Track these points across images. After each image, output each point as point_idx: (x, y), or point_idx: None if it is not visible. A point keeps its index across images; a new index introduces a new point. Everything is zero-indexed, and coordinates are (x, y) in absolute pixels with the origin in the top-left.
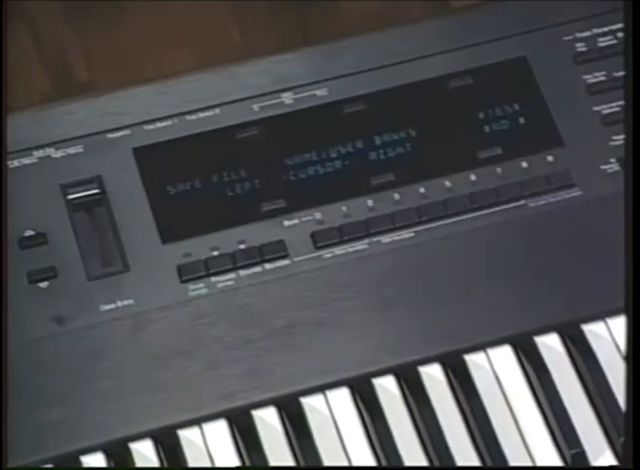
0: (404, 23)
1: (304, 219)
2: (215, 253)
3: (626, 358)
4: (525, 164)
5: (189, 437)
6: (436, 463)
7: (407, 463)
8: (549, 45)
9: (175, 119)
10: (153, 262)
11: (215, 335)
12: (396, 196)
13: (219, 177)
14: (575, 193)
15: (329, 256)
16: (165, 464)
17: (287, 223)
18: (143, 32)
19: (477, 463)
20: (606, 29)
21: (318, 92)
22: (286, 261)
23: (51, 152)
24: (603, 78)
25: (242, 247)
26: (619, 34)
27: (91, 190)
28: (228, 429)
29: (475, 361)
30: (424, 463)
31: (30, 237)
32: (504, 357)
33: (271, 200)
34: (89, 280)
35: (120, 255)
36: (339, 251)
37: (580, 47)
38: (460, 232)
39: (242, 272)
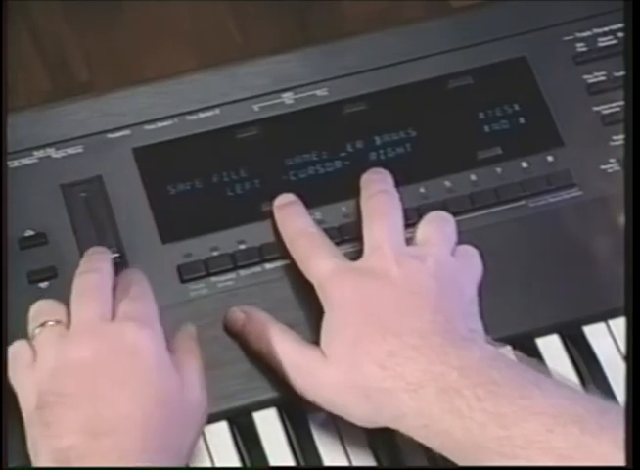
0: (404, 23)
1: None
2: (215, 253)
3: (626, 358)
4: (525, 164)
5: None
6: None
7: None
8: (549, 45)
9: (175, 119)
10: (153, 262)
11: (215, 335)
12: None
13: (219, 177)
14: (575, 193)
15: None
16: None
17: None
18: (143, 32)
19: None
20: (606, 29)
21: (318, 92)
22: (286, 261)
23: (51, 152)
24: (603, 78)
25: (242, 247)
26: (619, 34)
27: (91, 190)
28: (228, 429)
29: None
30: None
31: (30, 237)
32: None
33: (271, 200)
34: None
35: (121, 255)
36: (339, 250)
37: (580, 47)
38: (460, 232)
39: (242, 272)
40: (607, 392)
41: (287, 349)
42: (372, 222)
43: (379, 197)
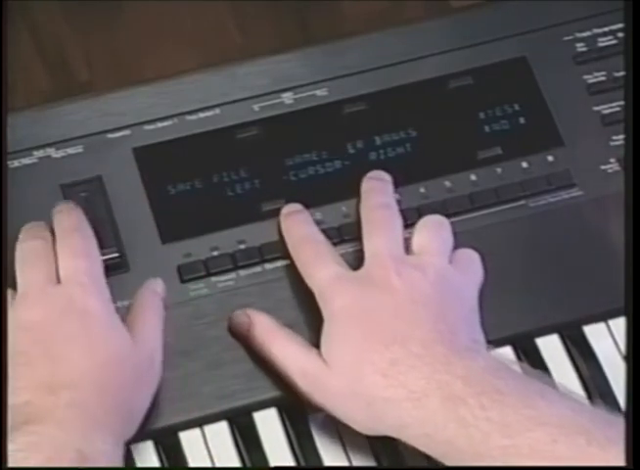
0: (404, 23)
1: None
2: (215, 253)
3: (626, 358)
4: (525, 164)
5: (189, 437)
6: None
7: None
8: (549, 45)
9: (175, 119)
10: (153, 262)
11: (215, 335)
12: (397, 196)
13: (219, 177)
14: (575, 193)
15: None
16: (166, 464)
17: None
18: (143, 32)
19: None
20: (606, 29)
21: (318, 92)
22: (286, 261)
23: (51, 152)
24: (603, 78)
25: (242, 247)
26: (619, 34)
27: (91, 190)
28: (228, 429)
29: None
30: None
31: None
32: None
33: (271, 200)
34: None
35: (121, 255)
36: (339, 250)
37: (580, 47)
38: (460, 232)
39: (242, 272)
40: (607, 392)
41: (292, 354)
42: (372, 234)
43: (379, 212)
